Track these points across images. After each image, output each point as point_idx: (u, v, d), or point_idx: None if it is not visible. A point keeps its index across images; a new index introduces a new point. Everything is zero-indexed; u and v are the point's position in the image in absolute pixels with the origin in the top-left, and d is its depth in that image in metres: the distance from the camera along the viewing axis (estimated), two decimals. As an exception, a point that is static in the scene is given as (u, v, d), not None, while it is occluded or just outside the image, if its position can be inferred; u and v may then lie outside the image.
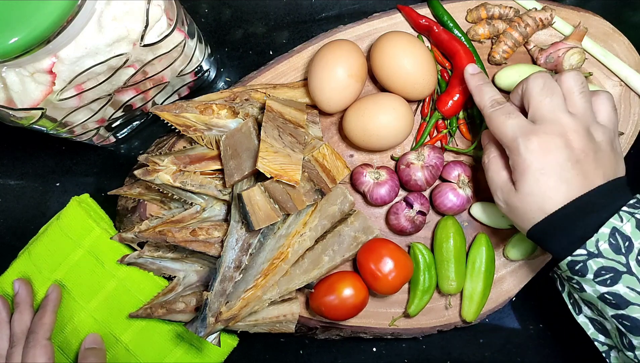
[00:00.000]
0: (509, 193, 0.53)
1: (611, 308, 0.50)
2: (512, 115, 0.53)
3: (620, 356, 0.53)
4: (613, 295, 0.49)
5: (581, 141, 0.51)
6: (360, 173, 0.64)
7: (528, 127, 0.52)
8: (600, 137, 0.52)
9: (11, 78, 0.48)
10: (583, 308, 0.55)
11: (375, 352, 0.71)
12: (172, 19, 0.54)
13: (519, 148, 0.51)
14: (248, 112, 0.63)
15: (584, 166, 0.50)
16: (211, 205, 0.64)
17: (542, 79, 0.53)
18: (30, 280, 0.66)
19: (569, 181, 0.50)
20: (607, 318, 0.51)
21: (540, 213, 0.51)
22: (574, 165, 0.50)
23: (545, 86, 0.53)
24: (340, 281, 0.62)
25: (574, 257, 0.50)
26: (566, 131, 0.51)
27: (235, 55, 0.73)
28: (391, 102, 0.62)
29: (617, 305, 0.49)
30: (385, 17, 0.68)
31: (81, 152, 0.73)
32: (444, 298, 0.66)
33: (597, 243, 0.49)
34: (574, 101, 0.53)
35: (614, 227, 0.49)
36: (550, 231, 0.51)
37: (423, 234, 0.67)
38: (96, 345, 0.64)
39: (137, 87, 0.60)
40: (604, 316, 0.52)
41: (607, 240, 0.49)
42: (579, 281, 0.51)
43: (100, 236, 0.66)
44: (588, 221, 0.50)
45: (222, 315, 0.59)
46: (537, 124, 0.52)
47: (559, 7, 0.67)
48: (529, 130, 0.51)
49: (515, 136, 0.52)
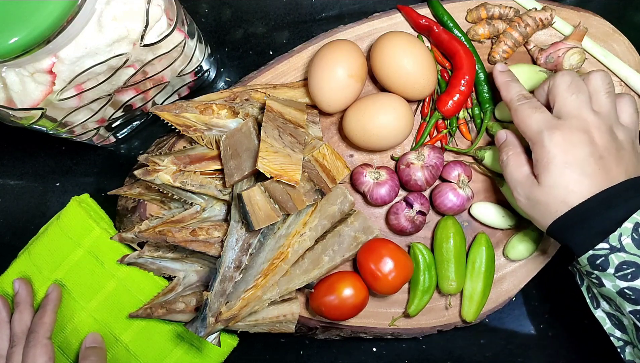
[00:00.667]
0: (531, 187, 0.54)
1: (630, 303, 0.50)
2: (538, 109, 0.54)
3: (635, 352, 0.53)
4: (633, 290, 0.50)
5: (604, 138, 0.52)
6: (360, 173, 0.64)
7: (553, 122, 0.53)
8: (622, 136, 0.53)
9: (11, 78, 0.48)
10: (601, 303, 0.55)
11: (375, 352, 0.71)
12: (172, 19, 0.54)
13: (544, 141, 0.52)
14: (248, 112, 0.63)
15: (606, 162, 0.51)
16: (211, 205, 0.64)
17: (569, 77, 0.54)
18: (31, 280, 0.66)
19: (592, 175, 0.51)
20: (624, 313, 0.52)
21: (563, 206, 0.52)
22: (597, 160, 0.51)
23: (572, 83, 0.54)
24: (340, 281, 0.62)
25: (596, 251, 0.50)
26: (590, 128, 0.52)
27: (235, 55, 0.73)
28: (391, 102, 0.62)
29: (635, 301, 0.50)
30: (385, 17, 0.68)
31: (81, 152, 0.73)
32: (444, 298, 0.66)
33: (620, 237, 0.49)
34: (600, 100, 0.54)
35: (637, 222, 0.49)
36: (572, 224, 0.52)
37: (423, 234, 0.67)
38: (97, 344, 0.64)
39: (137, 87, 0.60)
40: (621, 312, 0.52)
41: (630, 234, 0.49)
42: (598, 275, 0.52)
43: (100, 236, 0.66)
44: (611, 215, 0.50)
45: (222, 315, 0.59)
46: (562, 119, 0.53)
47: (559, 7, 0.67)
48: (554, 124, 0.52)
49: (540, 129, 0.53)
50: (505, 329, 0.71)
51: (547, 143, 0.52)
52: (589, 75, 0.55)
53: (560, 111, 0.53)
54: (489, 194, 0.67)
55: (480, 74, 0.66)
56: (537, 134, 0.53)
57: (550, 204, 0.52)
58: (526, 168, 0.55)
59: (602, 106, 0.54)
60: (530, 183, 0.54)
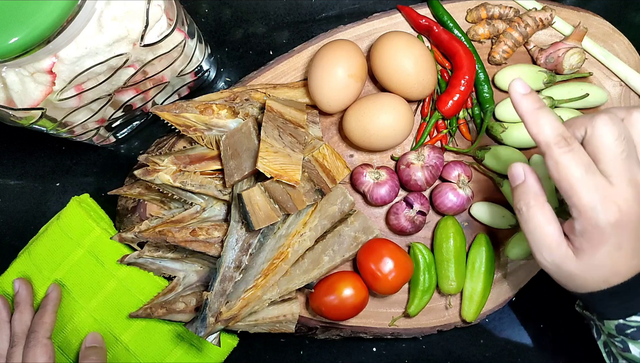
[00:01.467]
0: (565, 259, 0.46)
1: None
2: (590, 169, 0.44)
3: None
4: None
5: None
6: (360, 173, 0.64)
7: (607, 191, 0.44)
8: None
9: (11, 78, 0.48)
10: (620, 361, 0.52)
11: (375, 352, 0.71)
12: (172, 19, 0.54)
13: (598, 218, 0.44)
14: (248, 112, 0.63)
15: None
16: (211, 205, 0.64)
17: (614, 126, 0.44)
18: (31, 280, 0.66)
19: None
20: None
21: (604, 284, 0.46)
22: None
23: (620, 135, 0.44)
24: (340, 281, 0.62)
25: (628, 322, 0.48)
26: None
27: (235, 55, 0.73)
28: (391, 102, 0.62)
29: None
30: (385, 17, 0.68)
31: (81, 152, 0.73)
32: (444, 298, 0.66)
33: None
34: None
35: None
36: (608, 300, 0.47)
37: (423, 234, 0.67)
38: (97, 343, 0.64)
39: (137, 87, 0.60)
40: None
41: None
42: (625, 340, 0.49)
43: (100, 236, 0.66)
44: None
45: (222, 315, 0.59)
46: (613, 185, 0.44)
47: (559, 7, 0.67)
48: (608, 196, 0.44)
49: (594, 203, 0.43)
50: (505, 329, 0.71)
51: (603, 223, 0.44)
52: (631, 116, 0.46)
53: (609, 171, 0.44)
54: (489, 194, 0.67)
55: (480, 74, 0.66)
56: (590, 209, 0.44)
57: (587, 281, 0.46)
58: (554, 227, 0.46)
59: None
60: (564, 252, 0.46)
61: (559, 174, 0.44)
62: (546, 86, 0.66)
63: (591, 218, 0.44)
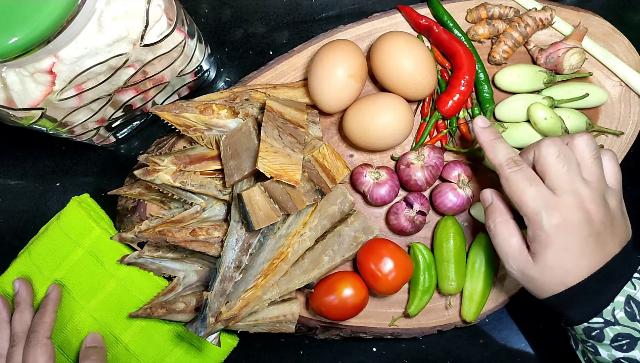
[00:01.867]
0: (526, 264, 0.53)
1: None
2: (533, 182, 0.52)
3: None
4: (629, 359, 0.51)
5: (600, 212, 0.51)
6: (360, 173, 0.64)
7: (550, 200, 0.51)
8: (614, 203, 0.53)
9: (11, 78, 0.48)
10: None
11: (375, 352, 0.71)
12: (172, 19, 0.54)
13: (542, 223, 0.51)
14: (248, 112, 0.63)
15: (603, 238, 0.51)
16: (211, 205, 0.64)
17: (555, 147, 0.52)
18: (31, 280, 0.66)
19: (590, 255, 0.51)
20: None
21: (561, 286, 0.52)
22: (595, 239, 0.51)
23: (560, 153, 0.52)
24: (340, 281, 0.62)
25: (591, 324, 0.51)
26: (586, 204, 0.51)
27: (235, 55, 0.73)
28: (391, 102, 0.62)
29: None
30: (385, 17, 0.68)
31: (81, 152, 0.73)
32: (444, 298, 0.66)
33: (614, 311, 0.50)
34: (589, 167, 0.52)
35: (629, 295, 0.50)
36: (569, 301, 0.52)
37: (423, 234, 0.67)
38: (97, 343, 0.65)
39: (137, 87, 0.60)
40: None
41: (623, 308, 0.50)
42: (594, 344, 0.52)
43: (100, 236, 0.66)
44: (606, 292, 0.51)
45: (222, 315, 0.59)
46: (557, 195, 0.51)
47: (559, 7, 0.67)
48: (551, 204, 0.51)
49: (538, 209, 0.51)
50: (504, 329, 0.71)
51: (547, 226, 0.51)
52: (573, 141, 0.53)
53: (553, 183, 0.51)
54: (489, 194, 0.67)
55: (480, 74, 0.66)
56: (535, 215, 0.51)
57: (546, 283, 0.52)
58: (517, 239, 0.54)
59: (592, 173, 0.52)
60: (525, 259, 0.53)
61: (510, 189, 0.53)
62: (546, 86, 0.66)
63: (537, 222, 0.51)
